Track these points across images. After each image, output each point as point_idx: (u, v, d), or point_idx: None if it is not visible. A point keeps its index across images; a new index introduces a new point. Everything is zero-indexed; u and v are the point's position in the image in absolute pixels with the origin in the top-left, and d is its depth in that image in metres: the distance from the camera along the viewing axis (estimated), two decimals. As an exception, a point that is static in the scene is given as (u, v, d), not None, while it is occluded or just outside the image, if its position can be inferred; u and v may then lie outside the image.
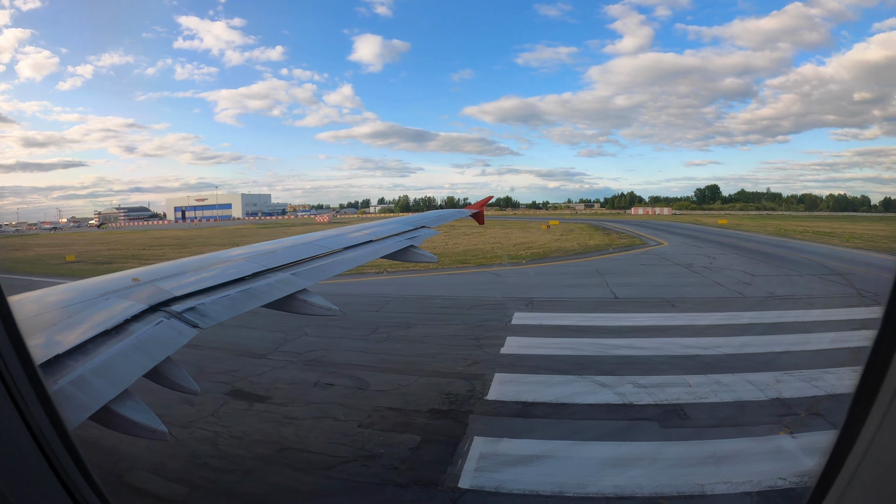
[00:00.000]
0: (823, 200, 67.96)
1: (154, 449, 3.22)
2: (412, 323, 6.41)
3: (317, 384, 4.30)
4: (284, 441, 3.27)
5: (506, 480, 2.77)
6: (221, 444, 3.27)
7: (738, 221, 33.43)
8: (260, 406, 3.89)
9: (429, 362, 4.84)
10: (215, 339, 5.90)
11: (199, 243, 24.61)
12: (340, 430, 3.41)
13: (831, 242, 15.83)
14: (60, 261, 17.43)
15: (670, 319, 6.42)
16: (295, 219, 72.47)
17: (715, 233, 22.02)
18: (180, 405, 3.88)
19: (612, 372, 4.49)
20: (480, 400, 3.86)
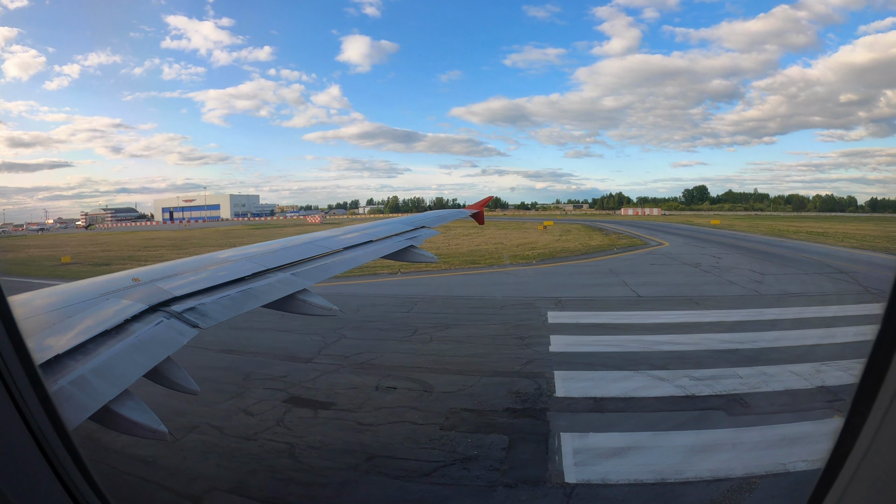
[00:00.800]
0: (811, 201, 71.47)
1: (226, 466, 3.10)
2: (449, 324, 6.44)
3: (378, 388, 4.25)
4: (368, 449, 3.21)
5: (608, 472, 2.86)
6: (301, 455, 3.17)
7: (730, 222, 34.93)
8: (327, 413, 3.81)
9: (483, 362, 4.88)
10: (252, 343, 5.79)
11: (195, 244, 23.76)
12: (424, 434, 3.39)
13: (827, 242, 16.84)
14: (55, 262, 16.68)
15: (699, 316, 6.69)
16: (285, 220, 71.68)
17: (711, 233, 22.96)
18: (238, 414, 3.81)
19: (663, 367, 4.66)
20: (551, 397, 3.94)
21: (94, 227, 69.11)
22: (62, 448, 0.96)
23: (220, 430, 3.58)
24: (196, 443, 3.38)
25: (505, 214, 68.60)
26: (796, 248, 15.16)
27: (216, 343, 5.80)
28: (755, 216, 50.90)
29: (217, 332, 6.22)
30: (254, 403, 4.02)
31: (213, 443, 3.39)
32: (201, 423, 3.65)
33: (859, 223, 33.73)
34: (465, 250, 17.09)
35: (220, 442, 3.41)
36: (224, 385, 4.45)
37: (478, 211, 6.44)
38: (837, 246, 15.56)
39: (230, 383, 4.50)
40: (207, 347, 5.64)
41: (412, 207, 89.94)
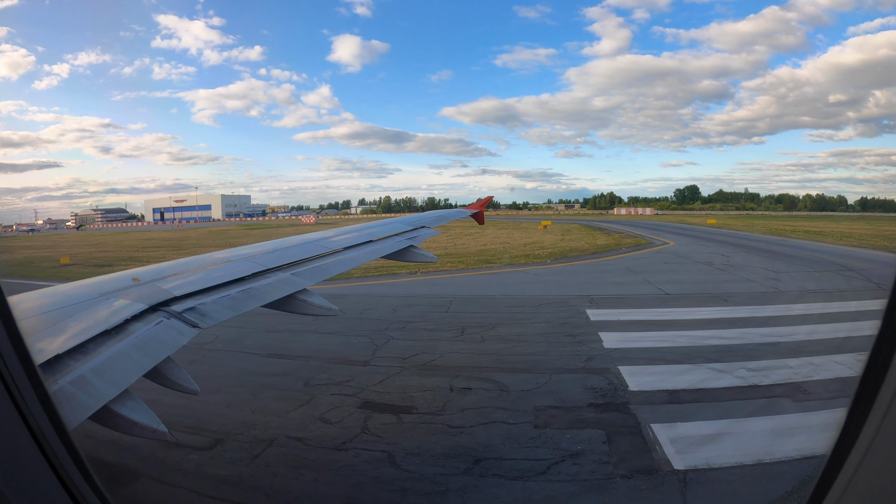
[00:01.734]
0: (801, 200, 74.41)
1: (325, 481, 3.00)
2: (494, 323, 6.55)
3: (452, 389, 4.26)
4: (471, 452, 3.21)
5: (709, 458, 3.04)
6: (404, 463, 3.10)
7: (725, 221, 36.17)
8: (411, 417, 3.77)
9: (545, 360, 5.00)
10: (297, 346, 5.72)
11: (194, 244, 23.05)
12: (520, 434, 3.43)
13: (827, 241, 17.81)
14: (53, 263, 16.13)
15: (731, 312, 7.02)
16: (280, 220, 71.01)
17: (711, 232, 23.84)
18: (315, 423, 3.72)
19: (718, 360, 4.91)
20: (626, 391, 4.11)
21: (86, 228, 68.72)
22: (62, 448, 0.96)
23: (301, 441, 3.46)
24: (280, 457, 3.25)
25: (498, 214, 69.21)
26: (799, 247, 15.95)
27: (258, 347, 5.72)
28: (747, 216, 52.91)
29: (256, 336, 6.21)
30: (328, 411, 3.93)
31: (299, 456, 3.27)
32: (278, 434, 3.54)
33: (851, 222, 35.49)
34: (473, 250, 17.24)
35: (306, 454, 3.29)
36: (287, 392, 4.36)
37: (478, 211, 6.58)
38: (838, 244, 16.46)
39: (292, 390, 4.41)
40: (251, 352, 5.57)
41: (404, 207, 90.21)
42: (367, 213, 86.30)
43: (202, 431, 3.63)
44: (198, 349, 5.67)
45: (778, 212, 64.64)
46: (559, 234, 24.26)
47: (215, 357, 5.46)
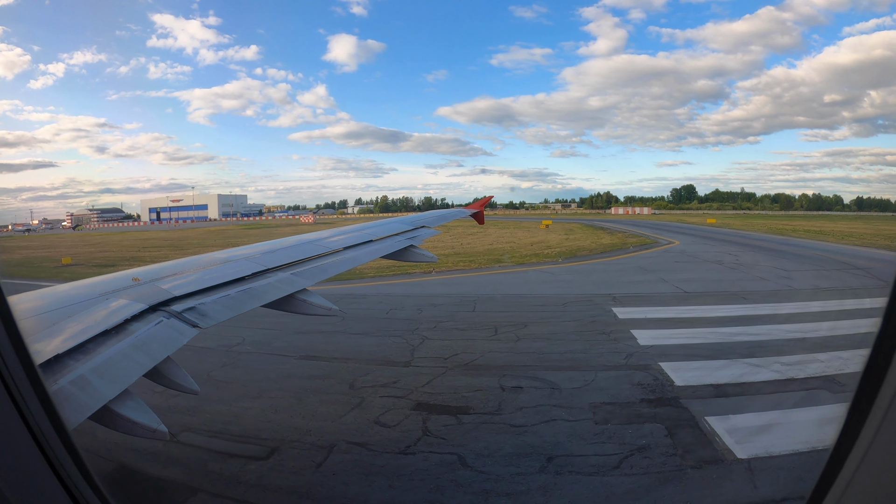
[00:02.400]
0: (797, 200, 75.95)
1: (402, 487, 2.99)
2: (524, 321, 6.67)
3: (503, 388, 4.32)
4: (540, 450, 3.26)
5: (768, 446, 3.20)
6: (477, 465, 3.11)
7: (725, 221, 36.84)
8: (470, 418, 3.79)
9: (586, 358, 5.12)
10: (330, 347, 5.74)
11: (195, 244, 22.69)
12: (583, 430, 3.52)
13: (829, 240, 18.37)
14: (54, 263, 15.93)
15: (753, 310, 7.27)
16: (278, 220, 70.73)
17: (713, 232, 24.38)
18: (373, 427, 3.69)
19: (751, 355, 5.11)
20: (673, 387, 4.26)
21: (82, 228, 69.58)
22: (62, 448, 0.97)
23: (363, 446, 3.41)
24: (346, 464, 3.19)
25: (496, 214, 69.53)
26: (803, 246, 16.44)
27: (289, 349, 5.71)
28: (745, 215, 53.93)
29: (285, 337, 6.21)
30: (382, 413, 3.91)
31: (366, 462, 3.20)
32: (336, 440, 3.49)
33: (849, 222, 36.45)
34: (481, 249, 17.39)
35: (373, 460, 3.22)
36: (334, 395, 4.33)
37: (478, 211, 6.72)
38: (840, 244, 16.97)
39: (338, 393, 4.39)
40: (284, 354, 5.55)
41: (401, 207, 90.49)
42: (365, 213, 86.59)
43: (253, 440, 3.57)
44: (226, 352, 5.68)
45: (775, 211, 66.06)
46: (562, 233, 24.54)
47: (247, 360, 5.43)
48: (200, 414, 3.98)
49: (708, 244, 17.48)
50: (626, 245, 17.34)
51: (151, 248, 22.11)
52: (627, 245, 17.31)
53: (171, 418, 3.82)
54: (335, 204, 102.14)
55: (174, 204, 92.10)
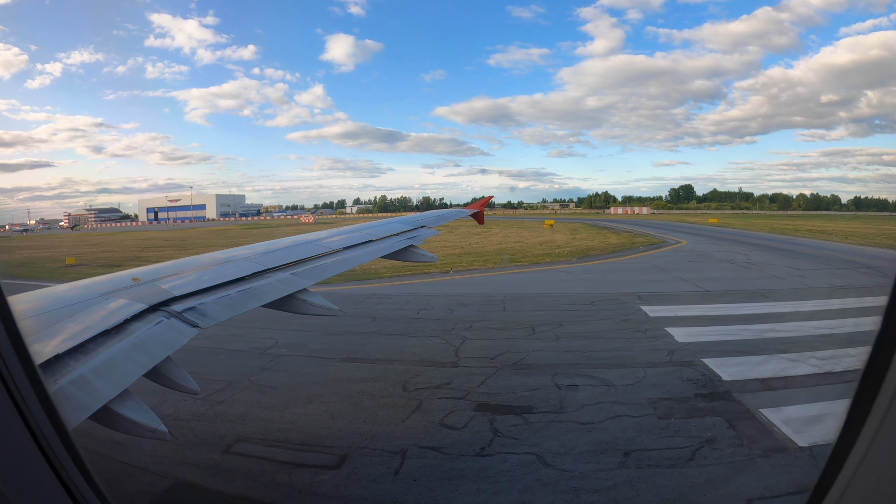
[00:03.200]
0: (795, 200, 77.39)
1: (490, 490, 2.99)
2: (558, 320, 6.84)
3: (559, 387, 4.42)
4: (614, 445, 3.36)
5: (825, 435, 3.39)
6: (557, 463, 3.18)
7: (726, 221, 37.49)
8: (536, 417, 3.86)
9: (630, 355, 5.28)
10: (370, 349, 5.80)
11: (197, 244, 22.40)
12: (650, 425, 3.65)
13: (833, 240, 18.94)
14: (57, 264, 15.75)
15: (776, 307, 7.56)
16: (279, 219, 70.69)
17: (718, 231, 24.97)
18: (441, 430, 3.70)
19: (786, 350, 5.35)
20: (722, 381, 4.46)
21: (80, 228, 70.24)
22: (62, 448, 0.98)
23: (437, 450, 3.39)
24: (424, 469, 3.16)
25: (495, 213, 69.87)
26: (810, 246, 16.96)
27: (327, 351, 5.73)
28: (744, 215, 54.88)
29: (319, 339, 6.27)
30: (446, 416, 3.92)
31: (445, 466, 3.17)
32: (407, 445, 3.47)
33: (848, 221, 37.38)
34: (491, 249, 17.56)
35: (452, 464, 3.19)
36: (389, 399, 4.34)
37: (478, 211, 6.86)
38: (844, 243, 17.53)
39: (393, 396, 4.40)
40: (324, 356, 5.57)
41: (399, 207, 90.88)
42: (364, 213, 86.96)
43: (318, 448, 3.53)
44: (261, 355, 5.66)
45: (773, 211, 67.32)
46: (567, 233, 24.85)
47: (287, 363, 5.41)
48: (252, 422, 3.94)
49: (716, 244, 17.90)
50: (634, 245, 17.67)
51: (154, 248, 21.85)
52: (636, 245, 17.64)
53: (221, 427, 3.82)
54: (333, 204, 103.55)
55: (172, 204, 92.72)
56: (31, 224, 77.31)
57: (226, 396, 4.45)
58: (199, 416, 4.05)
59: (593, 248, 16.60)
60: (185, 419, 3.99)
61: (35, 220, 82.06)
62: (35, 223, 79.10)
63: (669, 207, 75.67)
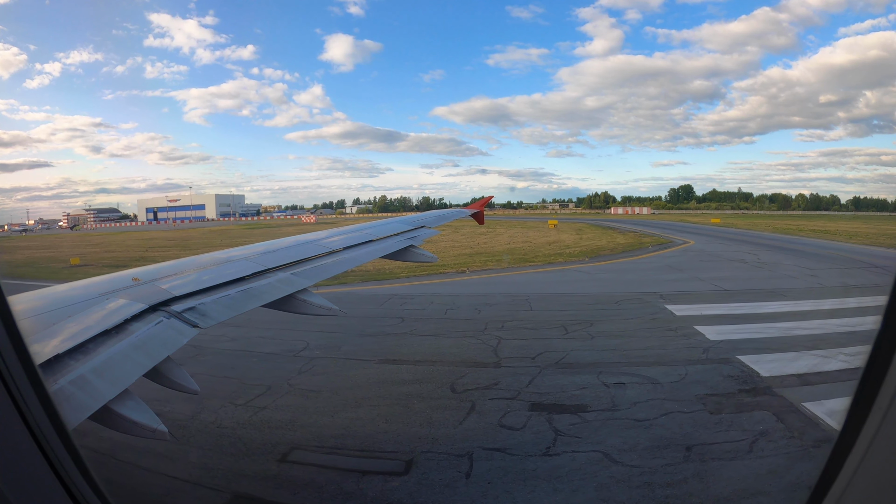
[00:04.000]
0: (794, 200, 78.48)
1: (565, 489, 3.00)
2: (588, 320, 7.01)
3: (608, 385, 4.55)
4: (673, 441, 3.49)
5: (872, 429, 3.63)
6: (624, 459, 3.29)
7: (729, 221, 38.16)
8: (592, 415, 3.97)
9: (667, 353, 5.46)
10: (406, 350, 5.90)
11: (201, 244, 22.28)
12: (704, 420, 3.80)
13: (837, 239, 19.36)
14: (62, 264, 15.69)
15: (795, 306, 7.82)
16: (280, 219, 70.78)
17: (722, 231, 25.51)
18: (501, 431, 3.75)
19: (815, 347, 5.58)
20: (761, 377, 4.66)
21: (80, 228, 71.34)
22: (62, 448, 0.99)
23: (503, 451, 3.43)
24: (496, 472, 3.19)
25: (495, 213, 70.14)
26: (816, 245, 17.41)
27: (363, 353, 5.78)
28: (744, 215, 55.67)
29: (352, 340, 6.36)
30: (502, 416, 3.98)
31: (516, 468, 3.24)
32: (471, 447, 3.49)
33: (848, 221, 38.14)
34: (500, 249, 17.72)
35: (522, 465, 3.27)
36: (440, 401, 4.36)
37: (478, 211, 6.98)
38: (849, 243, 18.03)
39: (443, 398, 4.43)
40: (360, 359, 5.61)
41: (399, 207, 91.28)
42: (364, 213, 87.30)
43: (378, 453, 3.51)
44: (294, 357, 5.69)
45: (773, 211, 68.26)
46: (573, 233, 25.10)
47: (324, 365, 5.41)
48: (303, 428, 3.91)
49: (723, 244, 18.25)
50: (643, 245, 17.94)
51: (158, 248, 21.70)
52: (645, 245, 17.92)
53: (270, 435, 3.79)
54: (333, 204, 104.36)
55: (171, 204, 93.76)
56: (30, 224, 78.56)
57: (268, 402, 4.43)
58: (245, 424, 3.99)
59: (603, 248, 16.84)
60: (229, 427, 3.94)
61: (34, 220, 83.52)
62: (34, 223, 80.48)
63: (669, 207, 76.66)
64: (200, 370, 5.33)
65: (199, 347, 6.02)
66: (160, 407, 4.10)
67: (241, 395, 4.57)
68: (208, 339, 6.31)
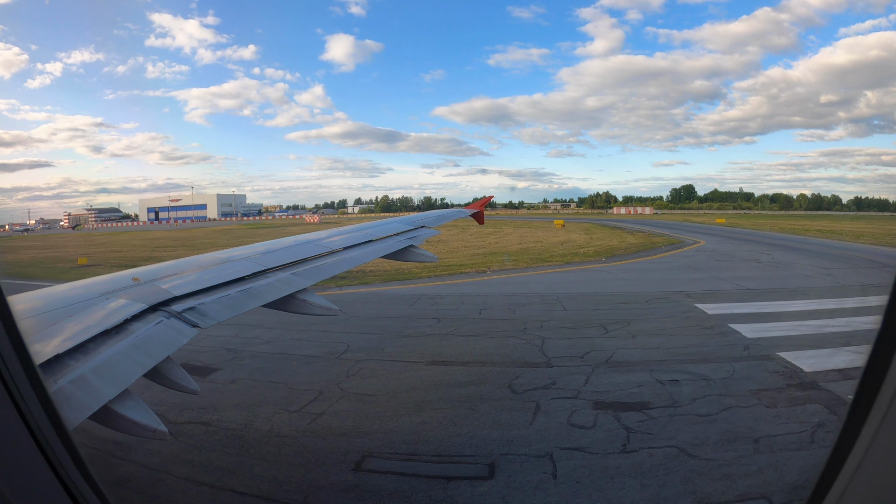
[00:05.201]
0: (796, 200, 79.49)
1: (649, 483, 3.07)
2: (624, 319, 7.23)
3: (663, 383, 4.74)
4: (740, 433, 3.68)
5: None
6: (699, 453, 3.46)
7: (733, 221, 38.77)
8: (656, 412, 4.12)
9: (708, 351, 5.71)
10: (452, 351, 5.99)
11: (206, 243, 22.18)
12: (762, 414, 4.01)
13: (845, 239, 19.92)
14: (69, 264, 15.63)
15: (820, 304, 8.15)
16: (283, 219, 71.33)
17: (730, 231, 26.14)
18: (573, 430, 3.83)
19: (847, 343, 5.87)
20: (805, 373, 4.93)
21: (81, 228, 72.15)
22: (62, 448, 1.00)
23: (581, 451, 3.52)
24: (581, 471, 3.28)
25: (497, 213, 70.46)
26: (825, 245, 17.95)
27: (409, 354, 5.88)
28: (748, 215, 56.60)
29: (394, 342, 6.54)
30: (569, 416, 4.08)
31: (598, 465, 3.34)
32: (549, 448, 3.56)
33: (851, 221, 38.94)
34: (514, 249, 17.97)
35: (603, 462, 3.35)
36: (503, 402, 4.44)
37: (478, 210, 7.09)
38: (857, 243, 18.54)
39: (505, 398, 4.52)
40: (407, 360, 5.69)
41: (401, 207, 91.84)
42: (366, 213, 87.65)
43: (457, 458, 3.53)
44: (337, 360, 5.73)
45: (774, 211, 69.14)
46: (581, 232, 25.42)
47: (372, 368, 5.45)
48: (369, 435, 3.90)
49: (734, 244, 18.66)
50: (655, 245, 18.29)
51: (165, 247, 21.60)
52: (657, 245, 18.26)
53: (335, 443, 3.76)
54: (334, 203, 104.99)
55: (173, 203, 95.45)
56: (31, 224, 78.93)
57: (323, 407, 4.41)
58: (305, 432, 3.97)
59: (616, 248, 17.15)
60: (289, 435, 3.90)
61: (35, 220, 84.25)
62: (35, 223, 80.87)
63: (671, 207, 77.59)
64: (242, 375, 5.36)
65: (234, 350, 6.13)
66: (207, 415, 4.29)
67: (293, 402, 4.56)
68: (241, 342, 6.46)
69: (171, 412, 4.31)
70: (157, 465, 3.31)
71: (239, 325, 7.03)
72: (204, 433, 4.00)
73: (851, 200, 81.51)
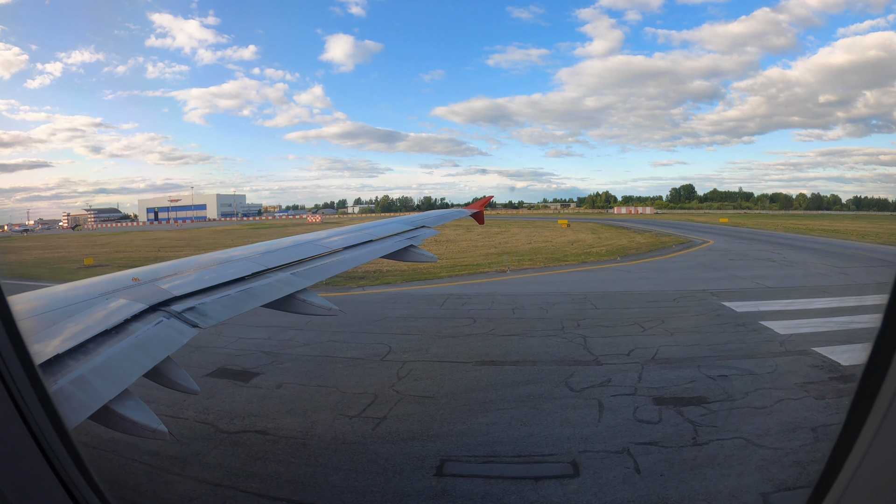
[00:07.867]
0: (795, 199, 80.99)
1: (731, 472, 3.26)
2: (657, 317, 7.54)
3: (713, 378, 4.98)
4: (799, 424, 3.89)
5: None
6: (764, 443, 3.64)
7: (737, 221, 39.76)
8: (715, 405, 4.33)
9: (748, 347, 6.03)
10: (499, 351, 6.15)
11: (211, 243, 22.31)
12: (812, 405, 4.28)
13: (850, 238, 20.68)
14: (75, 265, 15.62)
15: (841, 302, 8.59)
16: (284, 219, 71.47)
17: (736, 231, 26.95)
18: (642, 426, 3.94)
19: (877, 342, 6.26)
20: (843, 366, 5.27)
21: (81, 228, 73.20)
22: (62, 448, 1.01)
23: (656, 445, 3.68)
24: (661, 464, 3.42)
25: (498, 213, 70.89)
26: (832, 244, 18.68)
27: (455, 355, 6.01)
28: (750, 214, 57.72)
29: (435, 343, 6.69)
30: (634, 411, 4.29)
31: (675, 459, 3.48)
32: (624, 444, 3.71)
33: (851, 221, 40.09)
34: (525, 249, 18.27)
35: (679, 456, 3.52)
36: (565, 400, 4.57)
37: (478, 210, 7.27)
38: (863, 242, 19.30)
39: (566, 397, 4.65)
40: (456, 361, 5.82)
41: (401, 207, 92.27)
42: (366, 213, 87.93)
43: (536, 457, 3.62)
44: (381, 362, 5.81)
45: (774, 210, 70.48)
46: (588, 232, 25.87)
47: (422, 370, 5.52)
48: (440, 439, 3.93)
49: (743, 243, 19.24)
50: (665, 244, 18.76)
51: (170, 248, 21.42)
52: (667, 244, 18.74)
53: (408, 448, 3.75)
54: (334, 204, 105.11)
55: (173, 204, 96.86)
56: (31, 224, 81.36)
57: (384, 411, 4.43)
58: (373, 437, 3.97)
59: (627, 248, 17.56)
60: (356, 441, 3.90)
61: (34, 221, 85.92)
62: (34, 223, 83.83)
63: (671, 207, 78.84)
64: (287, 379, 5.37)
65: (272, 354, 6.19)
66: (262, 423, 4.26)
67: (349, 406, 4.56)
68: (277, 344, 6.54)
69: (220, 420, 4.35)
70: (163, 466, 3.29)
71: (270, 328, 7.14)
72: (263, 443, 3.93)
73: (851, 200, 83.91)
